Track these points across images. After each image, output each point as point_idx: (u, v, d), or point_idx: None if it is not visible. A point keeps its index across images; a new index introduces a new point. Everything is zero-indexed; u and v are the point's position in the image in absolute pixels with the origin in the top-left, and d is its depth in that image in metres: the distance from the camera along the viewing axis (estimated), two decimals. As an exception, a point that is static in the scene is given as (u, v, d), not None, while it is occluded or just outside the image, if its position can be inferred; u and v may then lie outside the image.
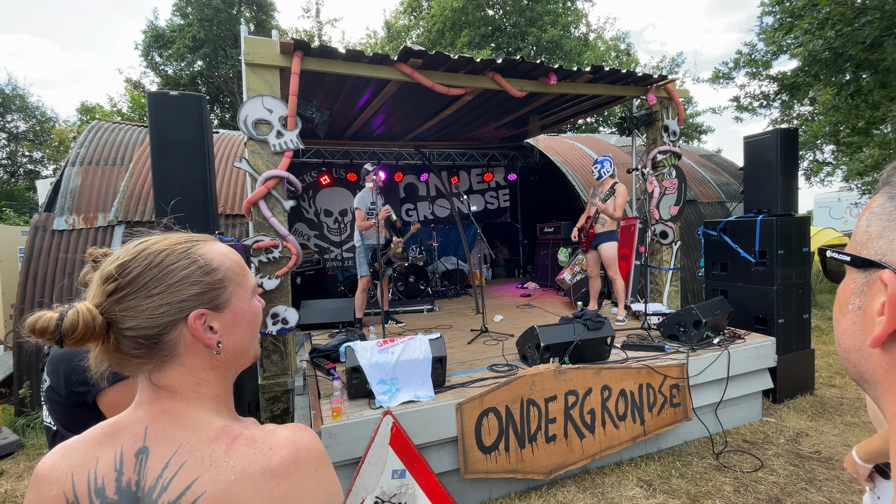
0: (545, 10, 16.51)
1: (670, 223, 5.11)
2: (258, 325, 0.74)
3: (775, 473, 3.01)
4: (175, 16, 17.45)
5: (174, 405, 0.63)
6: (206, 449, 0.60)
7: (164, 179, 2.60)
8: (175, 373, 0.64)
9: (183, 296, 0.63)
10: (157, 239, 0.67)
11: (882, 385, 0.38)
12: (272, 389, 3.55)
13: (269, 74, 3.55)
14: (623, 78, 4.71)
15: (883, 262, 0.36)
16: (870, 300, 0.38)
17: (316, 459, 0.62)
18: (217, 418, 0.65)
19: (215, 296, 0.66)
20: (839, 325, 0.43)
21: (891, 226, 0.36)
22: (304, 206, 8.15)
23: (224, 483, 0.57)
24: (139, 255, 0.64)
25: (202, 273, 0.65)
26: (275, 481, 0.58)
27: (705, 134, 21.48)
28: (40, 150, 19.61)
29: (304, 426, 0.66)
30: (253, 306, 0.72)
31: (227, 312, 0.67)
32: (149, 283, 0.62)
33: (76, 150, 5.86)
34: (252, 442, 0.61)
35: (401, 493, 2.48)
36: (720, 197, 8.00)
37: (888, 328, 0.35)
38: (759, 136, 4.38)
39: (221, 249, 0.70)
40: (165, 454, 0.60)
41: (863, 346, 0.39)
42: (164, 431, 0.62)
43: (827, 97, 9.02)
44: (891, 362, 0.37)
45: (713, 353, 3.55)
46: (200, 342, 0.64)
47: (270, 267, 3.55)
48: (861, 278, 0.39)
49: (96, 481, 0.60)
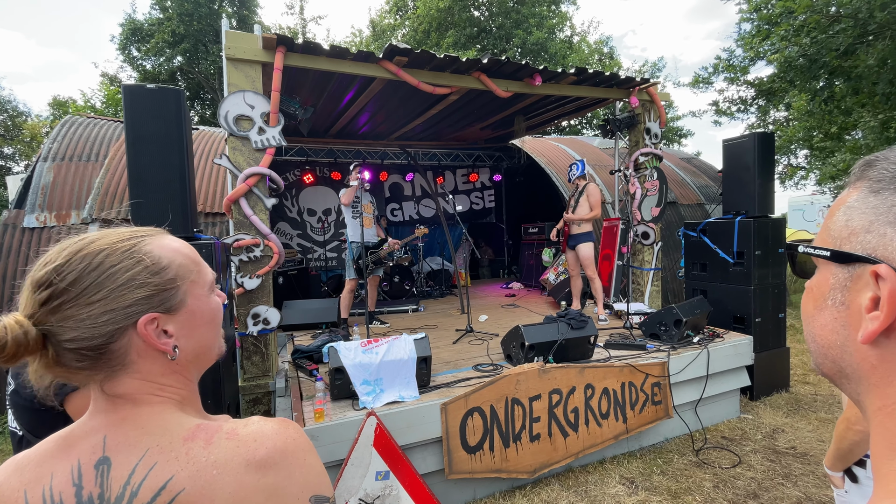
0: (531, 13, 16.64)
1: (652, 224, 5.19)
2: (219, 322, 0.68)
3: (753, 469, 3.07)
4: (154, 9, 17.02)
5: (136, 411, 0.59)
6: (182, 448, 0.56)
7: (139, 175, 2.51)
8: (130, 381, 0.59)
9: (128, 300, 0.57)
10: (95, 237, 0.59)
11: (869, 380, 0.38)
12: (253, 391, 3.48)
13: (251, 70, 3.48)
14: (606, 80, 4.76)
15: (874, 257, 0.36)
16: (854, 295, 0.38)
17: (304, 449, 0.60)
18: (189, 418, 0.61)
19: (166, 297, 0.60)
20: (815, 321, 0.42)
21: (879, 220, 0.36)
22: (287, 205, 8.03)
23: (205, 478, 0.54)
24: (74, 256, 0.56)
25: (149, 273, 0.59)
26: (260, 473, 0.55)
27: (686, 137, 21.92)
28: (11, 145, 18.90)
29: (288, 420, 0.63)
30: (212, 303, 0.67)
31: (183, 314, 0.62)
32: (88, 288, 0.55)
33: (48, 144, 5.66)
34: (234, 435, 0.58)
35: (384, 495, 2.45)
36: (700, 199, 8.17)
37: (885, 323, 0.35)
38: (737, 140, 4.48)
39: (171, 244, 0.63)
40: (131, 461, 0.55)
41: (847, 342, 0.39)
42: (127, 438, 0.57)
43: (801, 103, 9.31)
44: (880, 358, 0.37)
45: (693, 351, 3.61)
46: (153, 348, 0.59)
47: (251, 266, 3.48)
48: (843, 273, 0.39)
49: (52, 498, 0.55)
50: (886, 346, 0.36)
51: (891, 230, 0.35)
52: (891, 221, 0.35)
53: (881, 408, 0.37)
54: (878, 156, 0.39)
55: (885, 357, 0.36)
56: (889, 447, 0.37)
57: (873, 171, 0.39)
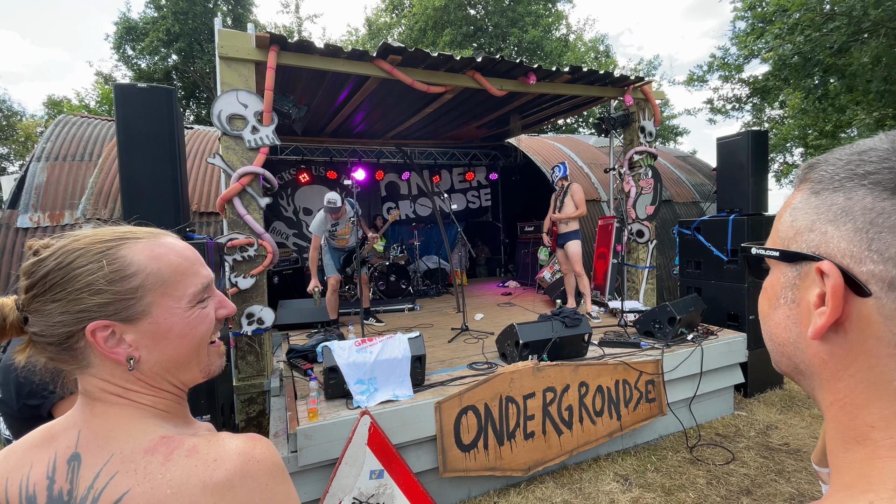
0: (526, 11, 16.63)
1: (646, 222, 5.20)
2: (199, 337, 0.63)
3: (746, 465, 3.09)
4: (149, 8, 16.93)
5: (105, 410, 0.59)
6: (141, 460, 0.55)
7: (131, 174, 2.50)
8: (92, 381, 0.59)
9: (82, 305, 0.56)
10: (84, 234, 0.60)
11: (820, 376, 0.39)
12: (247, 391, 3.48)
13: (244, 68, 3.47)
14: (601, 79, 4.77)
15: (818, 254, 0.37)
16: (803, 292, 0.39)
17: (267, 473, 0.56)
18: (156, 426, 0.59)
19: (125, 306, 0.58)
20: (770, 320, 0.44)
21: (821, 219, 0.38)
22: (283, 204, 8.01)
23: (158, 497, 0.52)
24: (55, 252, 0.57)
25: (107, 282, 0.57)
26: (217, 496, 0.53)
27: (681, 136, 21.99)
28: (6, 144, 18.80)
29: (259, 436, 0.60)
30: (188, 317, 0.62)
31: (145, 324, 0.59)
32: (53, 286, 0.56)
33: (42, 144, 5.63)
34: (194, 453, 0.55)
35: (379, 494, 2.46)
36: (695, 197, 8.19)
37: (831, 318, 0.36)
38: (731, 138, 4.50)
39: (155, 251, 0.61)
40: (97, 462, 0.55)
41: (799, 339, 0.40)
42: (97, 438, 0.57)
43: (796, 101, 9.34)
44: (829, 353, 0.38)
45: (687, 349, 3.62)
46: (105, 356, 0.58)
47: (245, 266, 3.47)
48: (792, 272, 0.40)
49: (28, 488, 0.56)
50: (835, 341, 0.37)
51: (831, 228, 0.37)
52: (831, 220, 0.37)
53: (833, 402, 0.38)
54: (819, 158, 0.40)
55: (833, 352, 0.37)
56: (842, 440, 0.38)
57: (814, 173, 0.40)
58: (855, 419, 0.36)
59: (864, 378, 0.36)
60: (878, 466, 0.34)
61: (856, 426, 0.36)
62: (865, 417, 0.36)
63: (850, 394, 0.37)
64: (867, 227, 0.34)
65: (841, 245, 0.36)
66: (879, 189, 0.34)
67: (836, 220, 0.36)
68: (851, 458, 0.37)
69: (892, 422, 0.34)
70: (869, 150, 0.37)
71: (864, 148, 0.37)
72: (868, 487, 0.34)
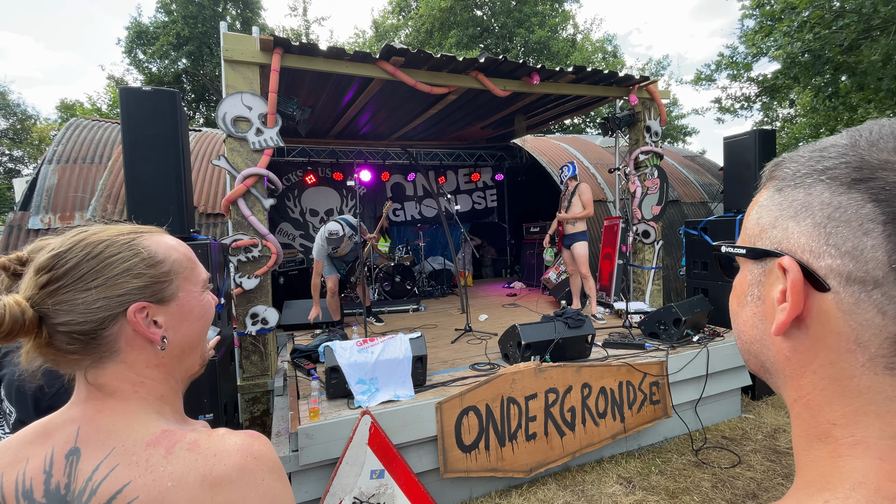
0: (533, 12, 16.60)
1: (652, 222, 5.16)
2: (209, 320, 0.70)
3: (753, 469, 3.05)
4: (159, 12, 17.18)
5: (111, 405, 0.60)
6: (143, 453, 0.57)
7: (136, 176, 2.54)
8: (115, 370, 0.61)
9: (123, 289, 0.60)
10: (97, 229, 0.63)
11: (784, 372, 0.39)
12: (252, 391, 3.51)
13: (249, 71, 3.50)
14: (605, 79, 4.74)
15: (779, 250, 0.37)
16: (768, 289, 0.39)
17: (265, 469, 0.58)
18: (158, 421, 0.61)
19: (160, 289, 0.63)
20: (739, 318, 0.44)
21: (783, 215, 0.38)
22: (290, 205, 8.07)
23: (159, 489, 0.54)
24: (76, 245, 0.60)
25: (146, 265, 0.62)
26: (215, 490, 0.55)
27: (690, 136, 21.77)
28: (20, 148, 19.18)
29: (258, 434, 0.62)
30: (203, 301, 0.69)
31: (173, 306, 0.65)
32: (86, 275, 0.59)
33: (53, 147, 5.73)
34: (195, 447, 0.58)
35: (379, 494, 2.46)
36: (703, 197, 8.11)
37: (792, 314, 0.36)
38: (738, 137, 4.45)
39: (168, 241, 0.67)
40: (97, 456, 0.57)
41: (764, 336, 0.40)
42: (98, 433, 0.58)
43: (806, 100, 9.21)
44: (792, 349, 0.37)
45: (693, 350, 3.58)
46: (142, 337, 0.61)
47: (249, 266, 3.50)
48: (757, 269, 0.41)
49: (24, 483, 0.57)
50: (797, 337, 0.37)
51: (792, 223, 0.37)
52: (792, 215, 0.37)
53: (797, 399, 0.38)
54: (784, 156, 0.41)
55: (796, 349, 0.37)
56: (806, 438, 0.37)
57: (779, 170, 0.40)
58: (817, 416, 0.36)
59: (825, 374, 0.35)
60: (839, 465, 0.34)
61: (818, 423, 0.36)
62: (827, 415, 0.35)
63: (813, 390, 0.36)
64: (825, 221, 0.34)
65: (801, 240, 0.36)
66: (837, 184, 0.34)
67: (796, 216, 0.36)
68: (814, 456, 0.36)
69: (854, 419, 0.34)
70: (830, 146, 0.37)
71: (825, 144, 0.37)
72: (825, 486, 0.34)
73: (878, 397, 0.33)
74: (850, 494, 0.32)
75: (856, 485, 0.32)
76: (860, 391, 0.34)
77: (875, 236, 0.32)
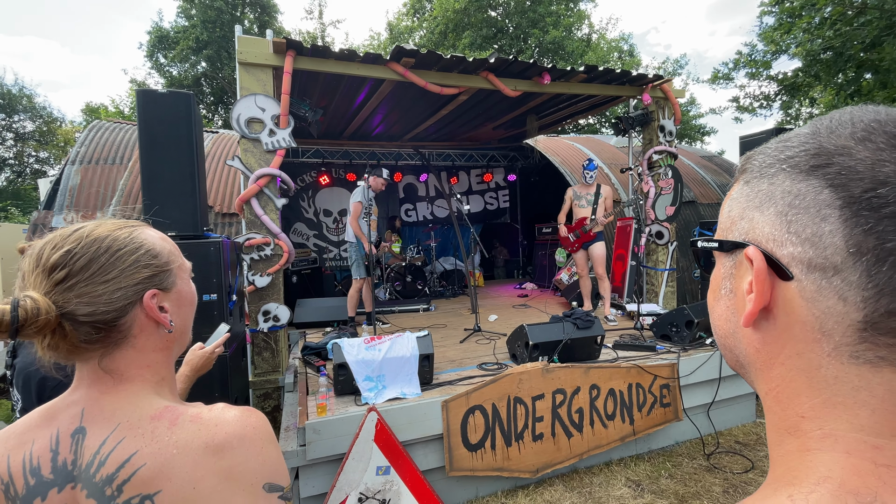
0: (547, 12, 16.51)
1: (666, 223, 5.09)
2: (195, 305, 0.77)
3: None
4: (180, 17, 17.59)
5: (116, 388, 0.64)
6: (148, 425, 0.61)
7: (152, 175, 2.61)
8: (126, 355, 0.65)
9: (137, 278, 0.65)
10: (93, 225, 0.66)
11: (755, 365, 0.38)
12: (263, 386, 3.57)
13: (262, 73, 3.57)
14: (618, 78, 4.70)
15: (746, 241, 0.37)
16: (738, 281, 0.39)
17: (262, 437, 0.63)
18: (160, 400, 0.65)
19: (164, 277, 0.68)
20: (714, 312, 0.43)
21: (749, 206, 0.38)
22: (304, 205, 8.18)
23: (165, 456, 0.58)
24: (83, 241, 0.63)
25: (150, 256, 0.67)
26: (217, 456, 0.59)
27: (708, 135, 21.40)
28: (46, 149, 19.82)
29: (253, 409, 0.67)
30: (192, 288, 0.76)
31: (174, 293, 0.70)
32: (102, 268, 0.62)
33: (76, 148, 5.92)
34: (198, 419, 0.62)
35: (385, 490, 2.48)
36: (720, 198, 7.96)
37: (758, 304, 0.35)
38: (755, 136, 4.37)
39: (157, 234, 0.72)
40: (104, 432, 0.60)
41: (736, 329, 0.40)
42: (103, 412, 0.62)
43: (828, 98, 8.96)
44: (762, 341, 0.37)
45: (705, 353, 3.52)
46: (154, 321, 0.66)
47: (262, 265, 3.57)
48: (728, 262, 0.40)
49: (31, 461, 0.60)
50: (765, 328, 0.36)
51: (757, 214, 0.37)
52: (757, 206, 0.37)
53: (768, 392, 0.38)
54: (754, 150, 0.41)
55: (765, 340, 0.37)
56: (777, 432, 0.37)
57: (748, 163, 0.40)
58: (787, 409, 0.36)
59: (793, 365, 0.35)
60: (806, 459, 0.34)
61: (788, 416, 0.36)
62: (796, 407, 0.35)
63: (782, 382, 0.36)
64: (786, 210, 0.34)
65: (765, 230, 0.36)
66: (796, 172, 0.34)
67: (761, 206, 0.36)
68: (784, 450, 0.36)
69: (822, 411, 0.33)
70: (794, 136, 0.37)
71: (790, 135, 0.37)
72: (791, 481, 0.34)
73: (844, 388, 0.32)
74: (813, 489, 0.32)
75: (821, 479, 0.32)
76: (827, 382, 0.33)
77: (832, 221, 0.31)
